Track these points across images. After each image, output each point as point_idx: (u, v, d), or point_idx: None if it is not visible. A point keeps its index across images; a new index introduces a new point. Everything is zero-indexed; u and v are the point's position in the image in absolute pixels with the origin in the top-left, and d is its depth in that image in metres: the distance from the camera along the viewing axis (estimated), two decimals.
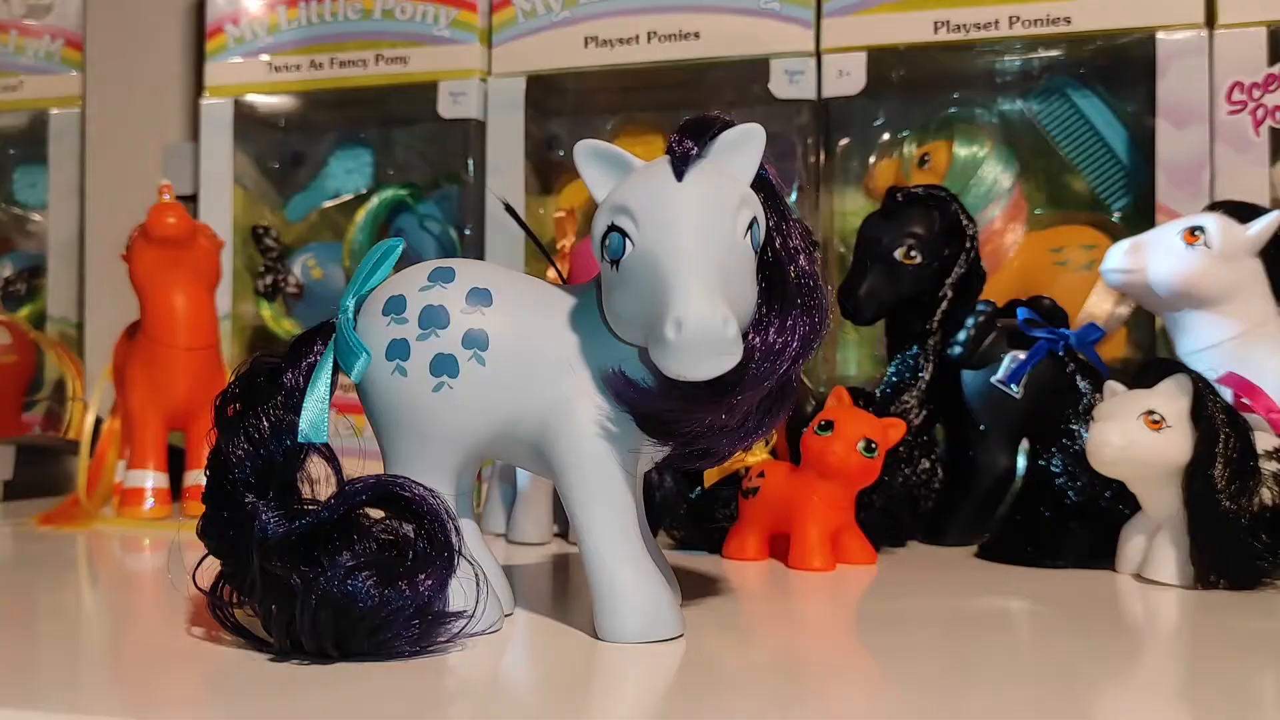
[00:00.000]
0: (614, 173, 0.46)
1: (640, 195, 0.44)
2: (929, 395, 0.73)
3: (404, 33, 0.95)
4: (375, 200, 0.97)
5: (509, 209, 0.66)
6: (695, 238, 0.42)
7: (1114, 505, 0.66)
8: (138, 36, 1.10)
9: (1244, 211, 0.71)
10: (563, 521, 0.75)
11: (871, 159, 0.89)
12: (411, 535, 0.43)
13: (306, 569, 0.41)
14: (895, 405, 0.72)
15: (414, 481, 0.45)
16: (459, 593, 0.44)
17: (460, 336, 0.46)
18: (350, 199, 1.02)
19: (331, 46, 0.97)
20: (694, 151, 0.44)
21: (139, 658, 0.46)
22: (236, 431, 0.45)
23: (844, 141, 0.89)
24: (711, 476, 0.70)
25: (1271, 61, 0.78)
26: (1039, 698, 0.41)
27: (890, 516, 0.70)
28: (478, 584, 0.45)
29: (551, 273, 0.92)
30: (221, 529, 0.45)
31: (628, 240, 0.43)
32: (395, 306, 0.47)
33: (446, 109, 0.94)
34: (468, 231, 0.95)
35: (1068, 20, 0.82)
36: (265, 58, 0.98)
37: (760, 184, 0.46)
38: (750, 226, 0.44)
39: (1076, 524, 0.67)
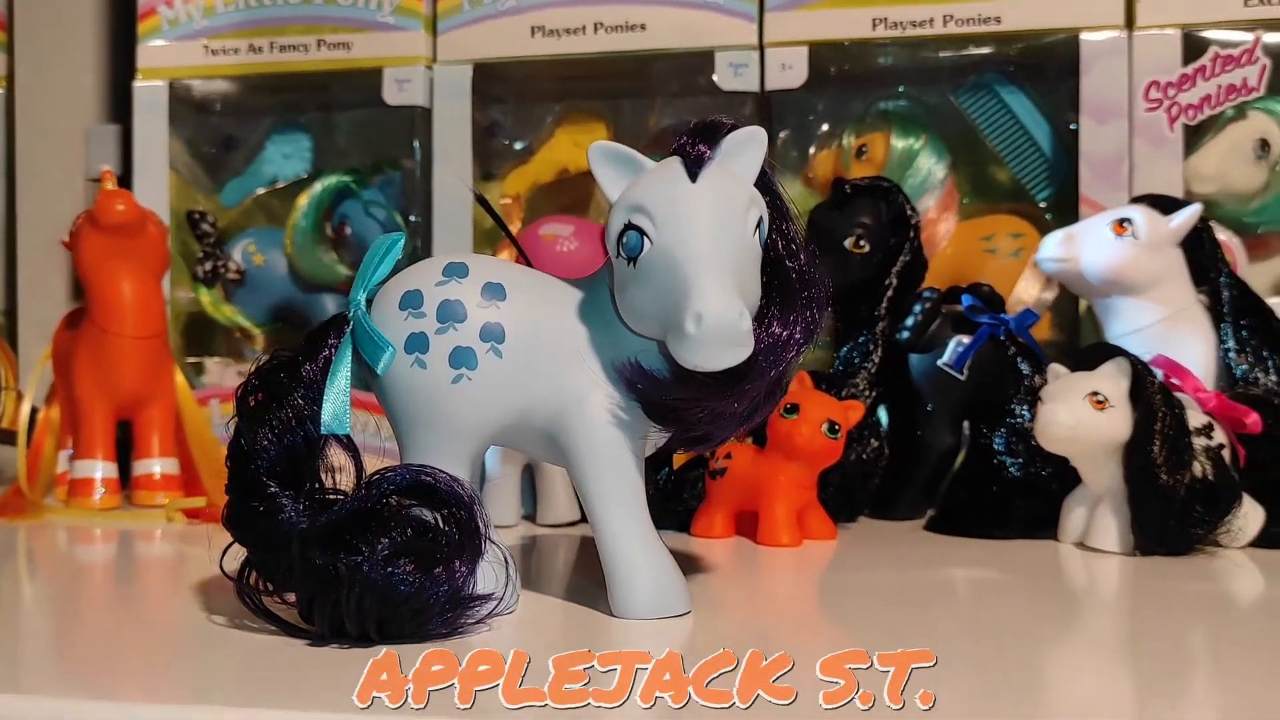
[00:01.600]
0: (626, 173, 0.48)
1: (657, 196, 0.46)
2: (878, 378, 0.77)
3: (347, 18, 0.95)
4: (319, 186, 0.97)
5: (481, 200, 0.68)
6: (711, 236, 0.45)
7: (1052, 479, 0.71)
8: (63, 17, 1.07)
9: (1166, 204, 0.77)
10: (529, 504, 0.77)
11: (811, 150, 0.92)
12: (438, 522, 0.45)
13: (348, 557, 0.43)
14: (847, 388, 0.76)
15: (439, 470, 0.47)
16: (488, 575, 0.46)
17: (478, 330, 0.48)
18: (288, 185, 1.01)
19: (271, 30, 0.96)
20: (707, 155, 0.46)
21: (175, 644, 0.47)
22: (260, 422, 0.46)
23: (784, 133, 0.92)
24: (679, 459, 0.72)
25: (1185, 62, 0.84)
26: (992, 657, 0.45)
27: (845, 493, 0.74)
28: (507, 567, 0.47)
29: (505, 256, 0.94)
30: (247, 518, 0.46)
31: (645, 238, 0.46)
32: (412, 301, 0.49)
33: (392, 95, 0.94)
34: (413, 218, 0.96)
35: (998, 20, 0.86)
36: (201, 41, 0.97)
37: (762, 183, 0.49)
38: (758, 225, 0.47)
39: (1018, 497, 0.72)
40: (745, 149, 0.48)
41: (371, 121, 0.99)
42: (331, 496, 0.46)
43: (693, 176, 0.46)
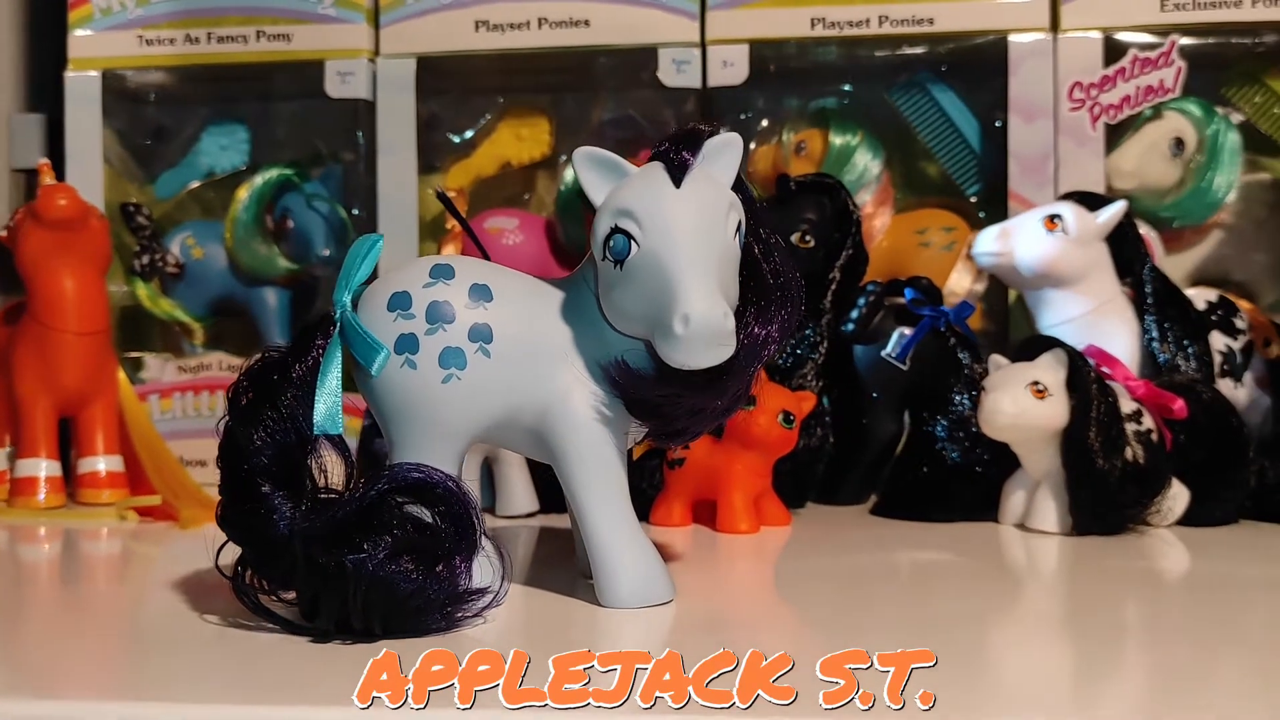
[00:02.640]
0: (610, 177, 0.49)
1: (643, 201, 0.48)
2: (824, 368, 0.80)
3: (287, 10, 0.94)
4: (259, 179, 0.96)
5: (441, 197, 0.69)
6: (696, 240, 0.47)
7: (991, 464, 0.74)
8: None
9: (1092, 200, 0.81)
10: (488, 497, 0.78)
11: (751, 146, 0.95)
12: (436, 519, 0.46)
13: (352, 555, 0.44)
14: (795, 378, 0.78)
15: (432, 468, 0.48)
16: (483, 569, 0.48)
17: (466, 330, 0.49)
18: (225, 177, 1.00)
19: (208, 21, 0.95)
20: (691, 162, 0.48)
21: (179, 643, 0.48)
22: (253, 422, 0.47)
23: (724, 129, 0.94)
24: (637, 450, 0.74)
25: (1106, 64, 0.88)
26: (941, 633, 0.48)
27: (796, 481, 0.76)
28: (503, 561, 0.48)
29: (450, 250, 0.94)
30: (243, 518, 0.46)
31: (633, 242, 0.47)
32: (400, 303, 0.50)
33: (334, 88, 0.94)
34: (355, 212, 0.96)
35: (931, 21, 0.90)
36: (136, 31, 0.96)
37: (737, 187, 0.51)
38: (738, 228, 0.49)
39: (959, 482, 0.75)
40: (722, 154, 0.50)
41: (312, 114, 0.98)
42: (325, 496, 0.47)
43: (676, 182, 0.48)
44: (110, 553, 0.72)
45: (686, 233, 0.47)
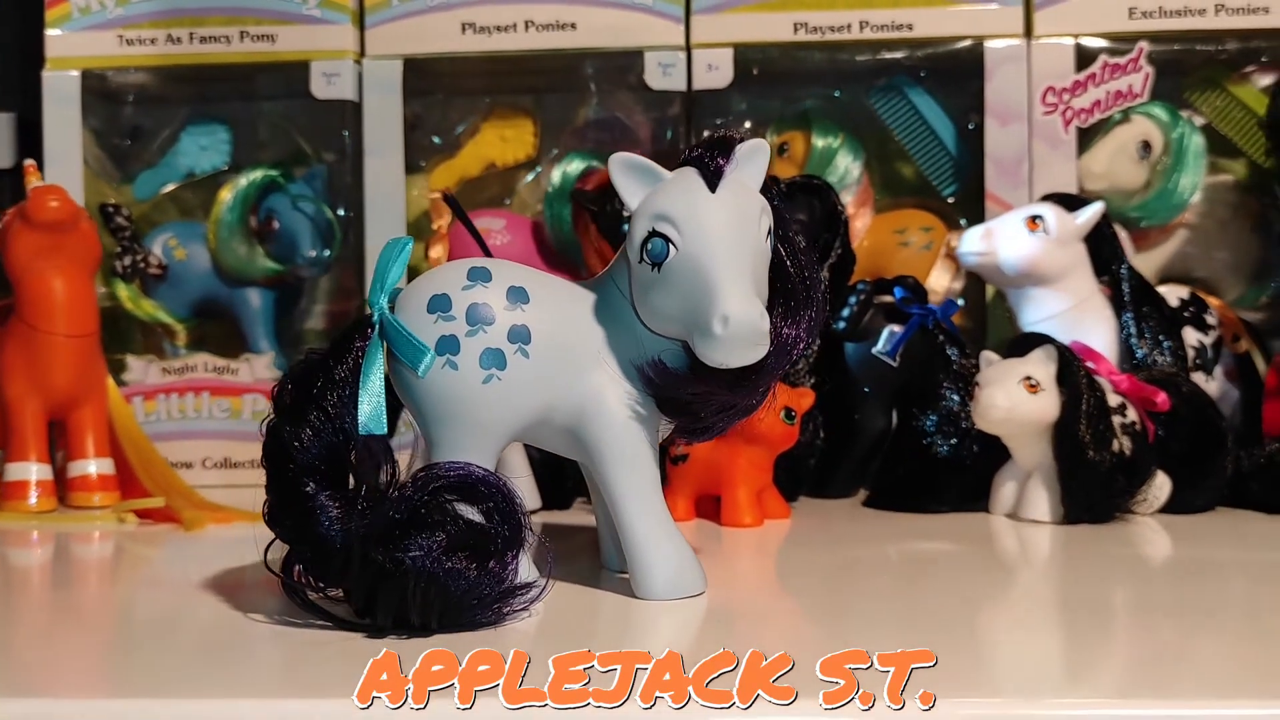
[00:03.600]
0: (646, 182, 0.51)
1: (681, 205, 0.49)
2: (815, 365, 0.82)
3: (271, 10, 0.94)
4: (244, 180, 0.96)
5: (449, 200, 0.70)
6: (732, 243, 0.49)
7: (980, 457, 0.77)
8: None
9: (1071, 202, 0.84)
10: None
11: None
12: (485, 516, 0.48)
13: (410, 553, 0.45)
14: (790, 375, 0.80)
15: (477, 466, 0.49)
16: (525, 564, 0.49)
17: (506, 332, 0.50)
18: (206, 177, 1.00)
19: (191, 21, 0.95)
20: (725, 167, 0.50)
21: (231, 639, 0.48)
22: (298, 421, 0.48)
23: (708, 132, 0.96)
24: None
25: (1078, 69, 0.91)
26: (940, 619, 0.51)
27: (791, 475, 0.78)
28: (547, 555, 0.50)
29: (437, 251, 0.95)
30: (291, 517, 0.47)
31: (671, 245, 0.49)
32: (441, 305, 0.50)
33: (320, 89, 0.94)
34: (341, 212, 0.96)
35: (910, 27, 0.92)
36: (116, 30, 0.95)
37: (764, 191, 0.52)
38: (769, 232, 0.51)
39: (950, 474, 0.78)
40: (751, 160, 0.51)
41: (296, 114, 0.98)
42: (371, 495, 0.48)
43: (712, 187, 0.50)
44: (111, 555, 0.72)
45: (724, 236, 0.49)
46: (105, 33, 0.95)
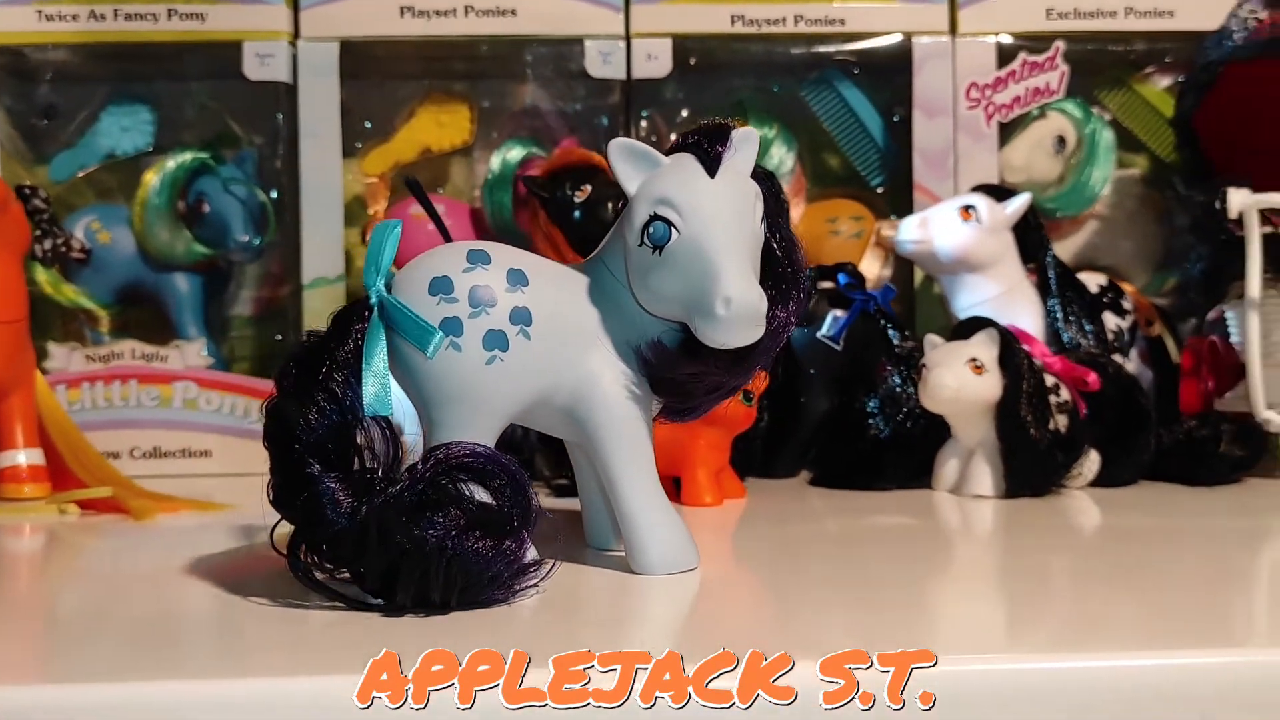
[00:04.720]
0: (644, 167, 0.52)
1: (683, 190, 0.51)
2: None
3: None
4: (172, 163, 0.93)
5: (412, 185, 0.70)
6: (733, 227, 0.50)
7: (920, 437, 0.80)
8: None
9: (999, 192, 0.88)
10: None
11: (672, 136, 0.97)
12: (497, 495, 0.48)
13: (429, 530, 0.45)
14: None
15: (483, 446, 0.50)
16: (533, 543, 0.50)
17: (508, 313, 0.51)
18: (127, 159, 0.97)
19: None
20: (723, 154, 0.51)
21: (246, 621, 0.48)
22: (302, 402, 0.48)
23: (645, 120, 0.98)
24: None
25: (999, 66, 0.96)
26: (888, 592, 0.53)
27: (745, 455, 0.81)
28: (556, 536, 0.50)
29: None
30: (298, 497, 0.47)
31: (673, 229, 0.50)
32: (442, 287, 0.51)
33: (254, 71, 0.92)
34: (273, 195, 0.94)
35: (842, 22, 0.95)
36: (34, 6, 0.92)
37: (756, 178, 0.54)
38: (762, 216, 0.52)
39: (892, 453, 0.81)
40: (743, 147, 0.53)
41: (226, 95, 0.96)
42: (380, 475, 0.48)
43: (711, 173, 0.51)
44: (43, 546, 0.70)
45: (724, 220, 0.50)
46: (23, 8, 0.92)
